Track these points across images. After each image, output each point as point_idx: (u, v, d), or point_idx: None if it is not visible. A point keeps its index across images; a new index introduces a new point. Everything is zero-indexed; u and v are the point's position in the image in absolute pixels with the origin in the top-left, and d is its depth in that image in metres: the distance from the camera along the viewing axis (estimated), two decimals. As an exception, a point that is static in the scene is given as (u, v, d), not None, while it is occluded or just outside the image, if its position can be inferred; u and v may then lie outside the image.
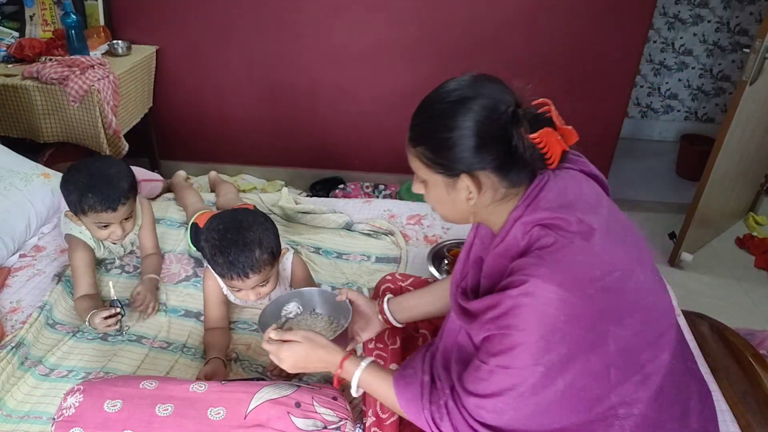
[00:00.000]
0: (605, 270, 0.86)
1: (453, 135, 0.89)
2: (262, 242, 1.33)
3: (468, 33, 2.72)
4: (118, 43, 2.70)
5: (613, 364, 0.88)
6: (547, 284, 0.83)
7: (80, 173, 1.52)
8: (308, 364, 1.13)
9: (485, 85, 0.92)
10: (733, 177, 2.65)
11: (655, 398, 0.92)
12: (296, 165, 3.18)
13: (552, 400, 0.88)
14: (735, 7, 3.46)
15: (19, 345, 1.41)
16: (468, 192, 0.93)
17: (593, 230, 0.88)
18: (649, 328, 0.91)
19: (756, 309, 2.48)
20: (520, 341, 0.85)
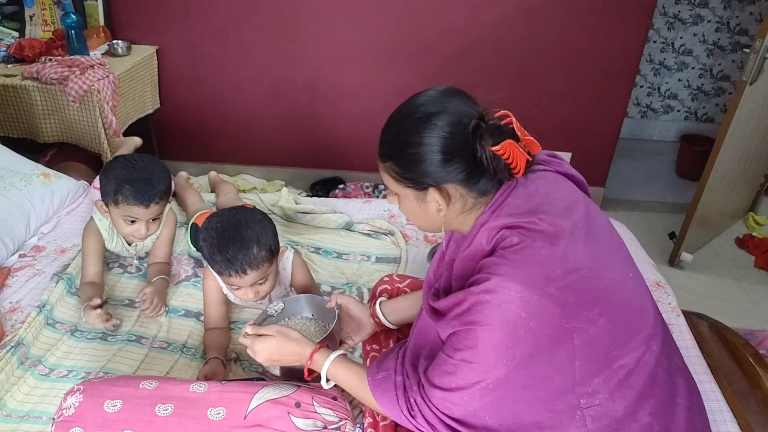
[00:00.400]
0: (568, 269, 0.89)
1: (419, 151, 0.93)
2: (259, 239, 1.33)
3: (468, 33, 2.72)
4: (118, 43, 2.70)
5: (578, 359, 0.90)
6: (509, 282, 0.86)
7: (123, 166, 1.56)
8: (281, 357, 1.16)
9: (449, 100, 0.95)
10: (733, 177, 2.65)
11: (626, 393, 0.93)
12: (296, 165, 3.19)
13: (517, 392, 0.91)
14: (735, 7, 3.46)
15: (18, 345, 1.41)
16: (438, 204, 0.98)
17: (558, 231, 0.91)
18: (620, 325, 0.93)
19: (756, 309, 2.48)
20: (483, 337, 0.89)
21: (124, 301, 1.65)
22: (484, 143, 0.91)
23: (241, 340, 1.20)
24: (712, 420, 1.27)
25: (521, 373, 0.89)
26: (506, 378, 0.90)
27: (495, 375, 0.90)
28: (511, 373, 0.89)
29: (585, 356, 0.90)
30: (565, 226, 0.92)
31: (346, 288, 1.70)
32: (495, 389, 0.91)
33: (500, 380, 0.90)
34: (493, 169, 0.93)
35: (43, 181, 1.98)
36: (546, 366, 0.90)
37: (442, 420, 0.96)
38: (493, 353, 0.89)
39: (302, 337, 1.17)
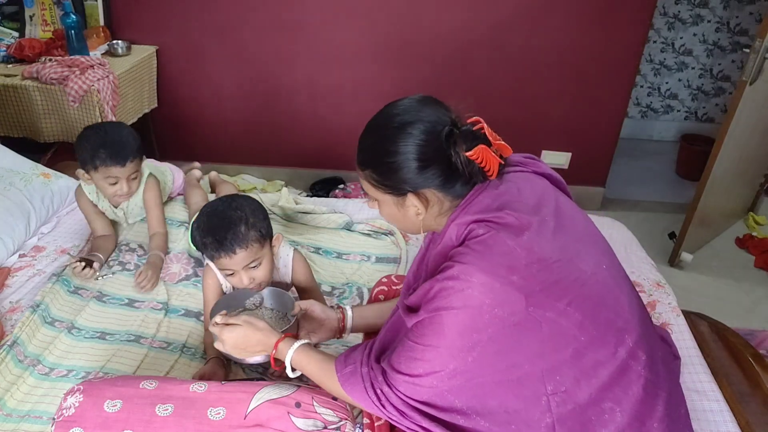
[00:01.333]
0: (532, 259, 0.92)
1: (396, 159, 0.97)
2: (248, 220, 1.35)
3: (468, 32, 2.72)
4: (118, 43, 2.70)
5: (547, 348, 0.92)
6: (472, 269, 0.90)
7: (94, 133, 1.67)
8: (247, 346, 1.18)
9: (423, 109, 0.99)
10: (733, 177, 2.65)
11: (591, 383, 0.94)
12: (296, 165, 3.19)
13: (484, 378, 0.94)
14: (735, 7, 3.46)
15: (13, 344, 1.42)
16: (416, 209, 1.02)
17: (522, 224, 0.95)
18: (590, 317, 0.94)
19: (756, 309, 2.48)
20: (448, 321, 0.92)
21: (123, 300, 1.65)
22: (458, 149, 0.96)
23: (210, 328, 1.21)
24: (712, 420, 1.28)
25: (488, 359, 0.92)
26: (473, 363, 0.92)
27: (462, 359, 0.92)
28: (479, 358, 0.92)
29: (554, 346, 0.92)
30: (531, 220, 0.96)
31: (346, 288, 1.70)
32: (462, 373, 0.93)
33: (467, 365, 0.93)
34: (468, 173, 0.98)
35: (43, 181, 1.98)
36: (514, 353, 0.92)
37: (410, 405, 0.98)
38: (458, 337, 0.91)
39: (268, 326, 1.19)
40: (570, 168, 2.99)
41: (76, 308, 1.59)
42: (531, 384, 0.94)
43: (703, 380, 1.38)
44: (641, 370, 0.97)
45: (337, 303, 1.64)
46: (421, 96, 1.02)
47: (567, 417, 0.94)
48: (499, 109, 2.86)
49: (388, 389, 1.00)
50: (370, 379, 1.03)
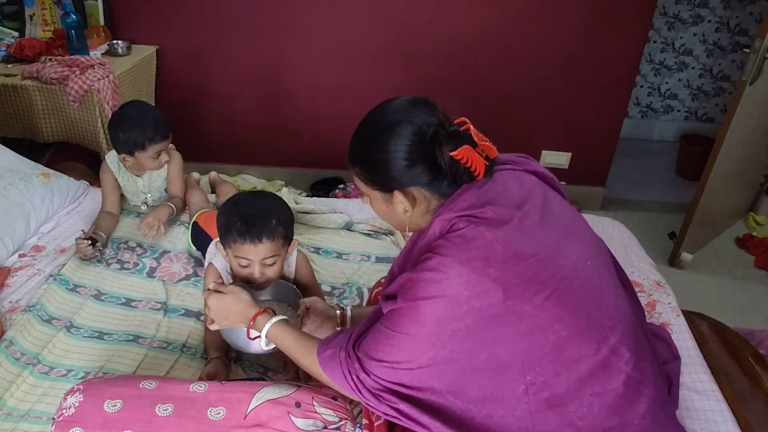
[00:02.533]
0: (510, 252, 0.94)
1: (383, 157, 1.01)
2: (279, 216, 1.37)
3: (468, 33, 2.72)
4: (118, 43, 2.70)
5: (526, 342, 0.94)
6: (449, 260, 0.93)
7: (126, 118, 1.83)
8: (229, 315, 1.22)
9: (412, 110, 1.01)
10: (733, 177, 2.65)
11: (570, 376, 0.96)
12: (296, 165, 3.18)
13: (463, 366, 0.95)
14: (735, 7, 3.47)
15: (8, 344, 1.42)
16: (403, 206, 1.04)
17: (502, 219, 0.97)
18: (570, 312, 0.95)
19: (756, 309, 2.48)
20: (426, 310, 0.94)
21: (121, 300, 1.65)
22: (443, 149, 0.98)
23: (204, 294, 1.26)
24: (712, 420, 1.28)
25: (466, 348, 0.94)
26: (451, 351, 0.94)
27: (439, 347, 0.94)
28: (456, 348, 0.94)
29: (533, 339, 0.94)
30: (512, 215, 0.98)
31: (347, 288, 1.70)
32: (441, 361, 0.95)
33: (445, 353, 0.94)
34: (453, 173, 1.00)
35: (43, 181, 1.98)
36: (492, 344, 0.94)
37: (386, 387, 1.00)
38: (436, 325, 0.93)
39: (251, 300, 1.23)
40: (570, 168, 3.00)
41: (75, 306, 1.59)
42: (510, 373, 0.95)
43: (703, 380, 1.38)
44: (623, 366, 0.98)
45: (337, 303, 1.64)
46: (411, 97, 1.05)
47: (544, 405, 0.96)
48: (500, 109, 2.86)
49: (365, 375, 1.01)
50: (347, 365, 1.04)
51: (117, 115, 1.86)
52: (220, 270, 1.49)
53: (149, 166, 1.90)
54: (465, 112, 1.05)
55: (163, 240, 1.86)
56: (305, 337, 1.16)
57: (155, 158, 1.88)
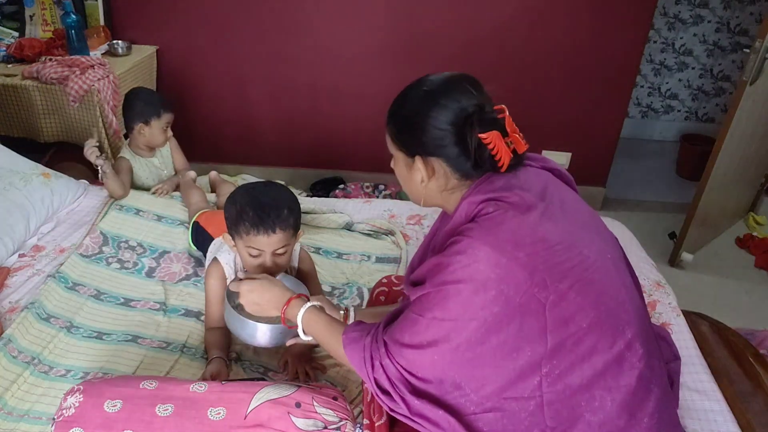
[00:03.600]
0: (537, 237, 0.94)
1: (417, 120, 1.01)
2: (290, 206, 1.38)
3: (468, 33, 2.72)
4: (118, 43, 2.70)
5: (549, 333, 0.93)
6: (479, 243, 0.92)
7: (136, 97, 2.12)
8: (262, 300, 1.24)
9: (455, 85, 1.01)
10: (733, 177, 2.65)
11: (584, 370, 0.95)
12: (296, 165, 3.18)
13: (485, 356, 0.94)
14: (735, 7, 3.47)
15: (6, 342, 1.42)
16: (421, 175, 1.04)
17: (530, 206, 0.97)
18: (591, 303, 0.95)
19: (756, 309, 2.48)
20: (454, 295, 0.93)
21: (119, 300, 1.65)
22: (473, 130, 0.97)
23: (230, 285, 1.27)
24: (712, 420, 1.28)
25: (490, 337, 0.92)
26: (476, 340, 0.93)
27: (465, 334, 0.93)
28: (481, 335, 0.93)
29: (554, 331, 0.93)
30: (537, 203, 0.98)
31: (347, 288, 1.70)
32: (465, 350, 0.94)
33: (470, 341, 0.93)
34: (477, 157, 0.99)
35: (43, 181, 1.98)
36: (516, 335, 0.92)
37: (406, 379, 0.99)
38: (462, 310, 0.92)
39: (285, 286, 1.26)
40: (570, 168, 2.99)
41: (74, 305, 1.59)
42: (528, 365, 0.95)
43: (703, 380, 1.38)
44: (636, 362, 0.98)
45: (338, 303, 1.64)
46: (464, 74, 1.05)
47: (556, 398, 0.96)
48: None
49: (388, 361, 1.00)
50: (370, 350, 1.03)
51: (132, 92, 2.15)
52: (224, 264, 1.49)
53: (158, 138, 2.14)
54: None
55: (163, 240, 1.87)
56: (337, 323, 1.16)
57: (164, 129, 2.14)
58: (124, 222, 1.92)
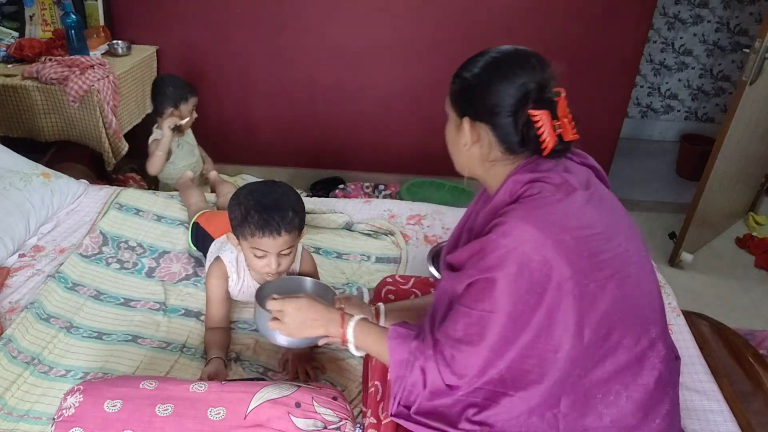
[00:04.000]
0: (581, 223, 0.93)
1: (475, 84, 1.01)
2: (295, 208, 1.37)
3: (468, 34, 2.72)
4: (118, 43, 2.70)
5: (587, 326, 0.92)
6: (524, 224, 0.90)
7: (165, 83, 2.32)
8: (306, 319, 1.16)
9: (524, 60, 1.00)
10: (733, 177, 2.65)
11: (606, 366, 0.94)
12: (296, 165, 3.18)
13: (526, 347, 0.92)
14: (735, 7, 3.46)
15: (6, 342, 1.42)
16: (466, 138, 1.03)
17: (575, 189, 0.96)
18: (626, 295, 0.94)
19: (756, 309, 2.48)
20: (501, 280, 0.91)
21: (119, 300, 1.65)
22: (526, 105, 0.96)
23: (269, 304, 1.19)
24: (712, 420, 1.28)
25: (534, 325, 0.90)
26: (522, 327, 0.90)
27: (514, 321, 0.91)
28: (528, 323, 0.90)
29: (589, 323, 0.91)
30: (582, 190, 0.97)
31: (347, 288, 1.70)
32: (514, 340, 0.92)
33: (518, 329, 0.91)
34: (524, 134, 0.97)
35: (43, 181, 1.98)
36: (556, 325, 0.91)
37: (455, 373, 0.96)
38: (510, 295, 0.90)
39: (326, 304, 1.19)
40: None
41: (73, 305, 1.59)
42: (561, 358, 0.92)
43: (703, 380, 1.38)
44: (658, 363, 0.97)
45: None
46: (532, 50, 1.04)
47: (573, 390, 0.95)
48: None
49: (433, 365, 0.97)
50: (415, 353, 1.01)
51: (160, 79, 2.39)
52: (227, 263, 1.49)
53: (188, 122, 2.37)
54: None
55: (163, 240, 1.87)
56: (386, 331, 1.11)
57: (191, 112, 2.36)
58: (124, 222, 1.92)
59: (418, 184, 2.96)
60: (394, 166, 3.06)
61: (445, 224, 1.99)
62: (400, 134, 2.98)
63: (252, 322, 1.57)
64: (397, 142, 3.02)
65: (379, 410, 1.17)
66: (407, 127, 2.96)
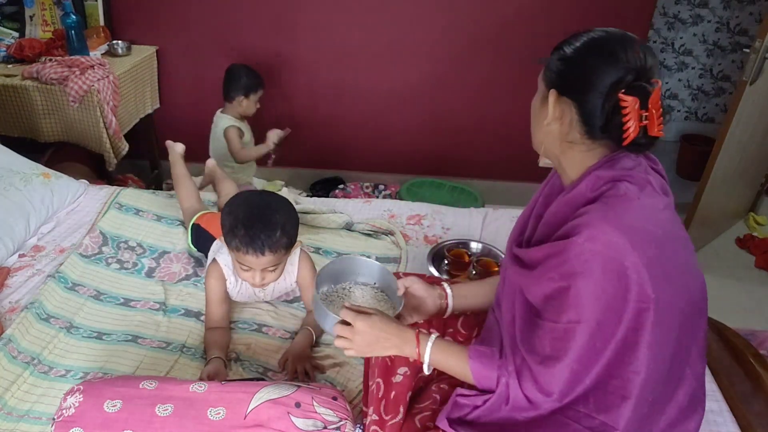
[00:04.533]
0: (664, 233, 0.90)
1: (571, 56, 0.96)
2: (285, 227, 1.36)
3: (468, 34, 2.72)
4: (118, 44, 2.70)
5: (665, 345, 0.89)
6: (612, 230, 0.86)
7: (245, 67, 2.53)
8: (379, 340, 1.07)
9: (631, 44, 0.93)
10: (733, 177, 2.65)
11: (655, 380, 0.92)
12: (296, 165, 3.18)
13: (614, 367, 0.89)
14: (735, 7, 3.46)
15: (6, 342, 1.42)
16: (548, 113, 0.99)
17: (658, 194, 0.94)
18: (688, 312, 0.92)
19: (756, 309, 2.48)
20: (587, 286, 0.87)
21: (119, 300, 1.65)
22: (619, 87, 0.90)
23: (342, 314, 1.08)
24: (712, 420, 1.28)
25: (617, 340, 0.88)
26: (610, 335, 0.87)
27: (602, 330, 0.87)
28: (617, 330, 0.87)
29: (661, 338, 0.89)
30: (664, 195, 0.96)
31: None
32: (602, 350, 0.88)
33: (606, 337, 0.88)
34: (607, 118, 0.92)
35: (43, 181, 1.98)
36: (643, 347, 0.88)
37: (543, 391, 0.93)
38: (597, 304, 0.87)
39: (399, 323, 1.11)
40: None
41: (73, 306, 1.59)
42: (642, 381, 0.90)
43: (703, 380, 1.37)
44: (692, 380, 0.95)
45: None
46: (639, 38, 0.98)
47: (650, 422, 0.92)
48: (500, 108, 2.85)
49: (516, 381, 0.96)
50: (501, 371, 0.99)
51: (235, 66, 2.52)
52: (223, 266, 1.49)
53: (252, 109, 2.54)
54: (466, 111, 1.03)
55: (162, 240, 1.86)
56: (460, 348, 1.08)
57: (256, 103, 2.54)
58: (124, 222, 1.92)
59: (418, 184, 2.96)
60: (394, 166, 3.06)
61: (445, 224, 1.99)
62: (400, 134, 2.98)
63: (253, 322, 1.57)
64: (397, 142, 3.02)
65: (381, 408, 1.17)
66: (407, 127, 2.96)
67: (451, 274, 1.73)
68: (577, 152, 0.98)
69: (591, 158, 0.97)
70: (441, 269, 1.75)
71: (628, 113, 0.89)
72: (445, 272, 1.74)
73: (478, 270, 1.69)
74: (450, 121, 2.95)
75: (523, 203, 1.65)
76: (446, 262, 1.76)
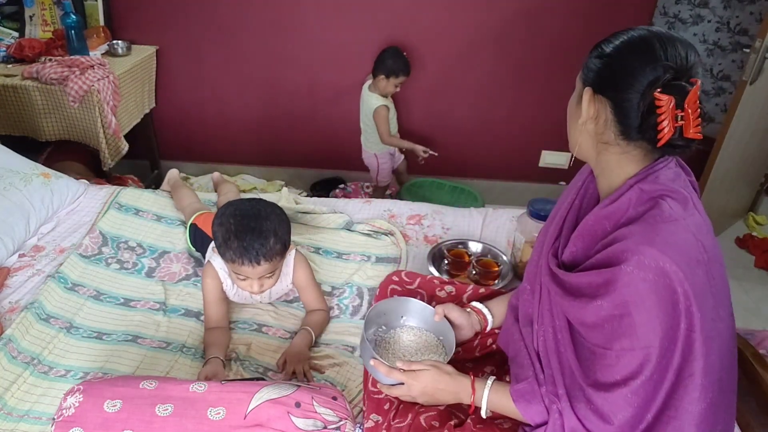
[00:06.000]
0: (708, 257, 0.88)
1: (610, 53, 0.93)
2: (277, 232, 1.35)
3: (467, 35, 2.72)
4: (118, 43, 2.70)
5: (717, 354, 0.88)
6: (661, 254, 0.83)
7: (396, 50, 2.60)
8: (435, 392, 1.13)
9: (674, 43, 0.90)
10: (733, 177, 2.65)
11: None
12: (296, 165, 3.19)
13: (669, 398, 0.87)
14: (735, 7, 3.46)
15: (6, 342, 1.42)
16: (583, 110, 0.97)
17: (697, 211, 0.92)
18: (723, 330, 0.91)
19: (756, 309, 2.48)
20: (641, 318, 0.85)
21: (119, 300, 1.65)
22: (656, 86, 0.88)
23: (395, 375, 1.14)
24: (712, 420, 1.27)
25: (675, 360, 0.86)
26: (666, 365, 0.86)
27: (656, 360, 0.86)
28: (671, 359, 0.86)
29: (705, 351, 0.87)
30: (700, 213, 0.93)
31: (346, 288, 1.70)
32: (658, 380, 0.87)
33: (661, 367, 0.86)
34: (643, 118, 0.90)
35: (43, 181, 1.98)
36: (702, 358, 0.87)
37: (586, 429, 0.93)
38: (651, 333, 0.85)
39: (455, 370, 1.15)
40: (570, 168, 2.99)
41: (73, 306, 1.59)
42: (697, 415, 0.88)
43: (703, 380, 1.37)
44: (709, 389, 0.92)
45: (338, 302, 1.64)
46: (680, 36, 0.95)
47: None
48: (500, 108, 2.86)
49: (567, 405, 0.95)
50: (548, 400, 0.99)
51: (388, 49, 2.62)
52: (218, 269, 1.49)
53: (390, 91, 2.65)
54: (466, 111, 1.03)
55: (162, 240, 1.86)
56: None
57: (396, 86, 2.63)
58: (124, 222, 1.92)
59: (418, 184, 2.96)
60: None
61: (445, 224, 1.99)
62: (400, 134, 2.98)
63: (253, 321, 1.58)
64: (397, 142, 3.02)
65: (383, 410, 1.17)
66: (407, 127, 2.96)
67: (451, 274, 1.73)
68: (613, 154, 0.96)
69: (627, 162, 0.96)
70: (441, 269, 1.75)
71: (663, 113, 0.87)
72: (445, 272, 1.74)
73: (477, 270, 1.69)
74: (450, 121, 2.95)
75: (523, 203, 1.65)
76: (446, 262, 1.76)
